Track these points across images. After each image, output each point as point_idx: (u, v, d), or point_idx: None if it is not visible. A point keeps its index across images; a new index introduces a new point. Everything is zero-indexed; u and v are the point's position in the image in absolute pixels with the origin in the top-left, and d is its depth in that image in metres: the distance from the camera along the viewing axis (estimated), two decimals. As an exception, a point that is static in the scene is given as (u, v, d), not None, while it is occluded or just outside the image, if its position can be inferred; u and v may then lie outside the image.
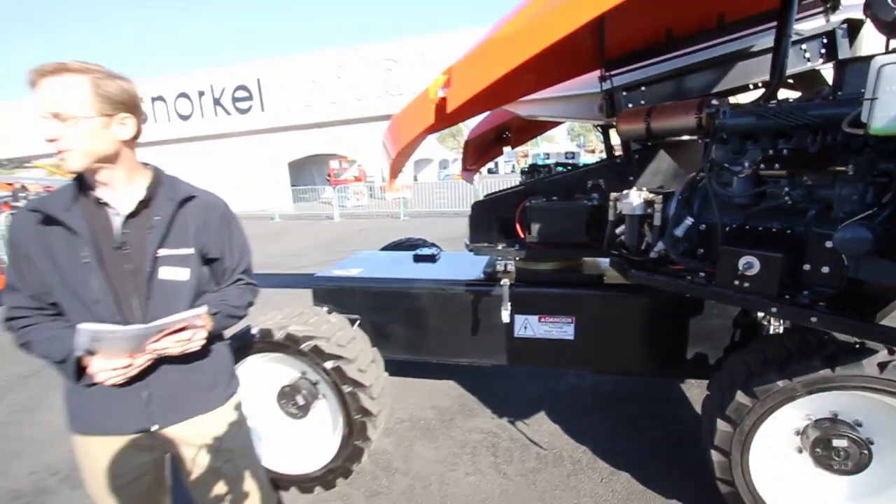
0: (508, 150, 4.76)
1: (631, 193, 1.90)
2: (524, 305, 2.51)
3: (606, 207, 2.14)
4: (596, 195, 2.34)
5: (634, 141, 2.22)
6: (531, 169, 3.33)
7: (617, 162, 2.48)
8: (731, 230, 1.66)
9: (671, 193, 1.85)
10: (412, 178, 25.71)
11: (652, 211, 1.86)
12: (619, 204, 1.98)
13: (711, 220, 1.69)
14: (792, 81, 2.14)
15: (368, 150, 26.88)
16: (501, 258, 2.56)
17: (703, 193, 1.74)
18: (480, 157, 4.69)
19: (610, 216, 2.05)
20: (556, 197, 2.44)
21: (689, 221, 1.72)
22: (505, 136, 4.33)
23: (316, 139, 23.39)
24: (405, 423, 3.13)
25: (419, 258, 3.28)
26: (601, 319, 2.49)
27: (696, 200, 1.77)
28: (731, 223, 1.66)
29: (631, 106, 2.12)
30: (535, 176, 3.08)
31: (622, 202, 1.94)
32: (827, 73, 2.05)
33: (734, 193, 1.62)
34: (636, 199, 1.88)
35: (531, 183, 2.65)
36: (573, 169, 2.97)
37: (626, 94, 2.14)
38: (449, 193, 16.99)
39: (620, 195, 1.97)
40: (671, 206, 1.81)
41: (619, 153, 2.55)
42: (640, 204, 1.88)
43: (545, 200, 2.43)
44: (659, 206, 1.84)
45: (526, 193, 2.51)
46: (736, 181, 1.60)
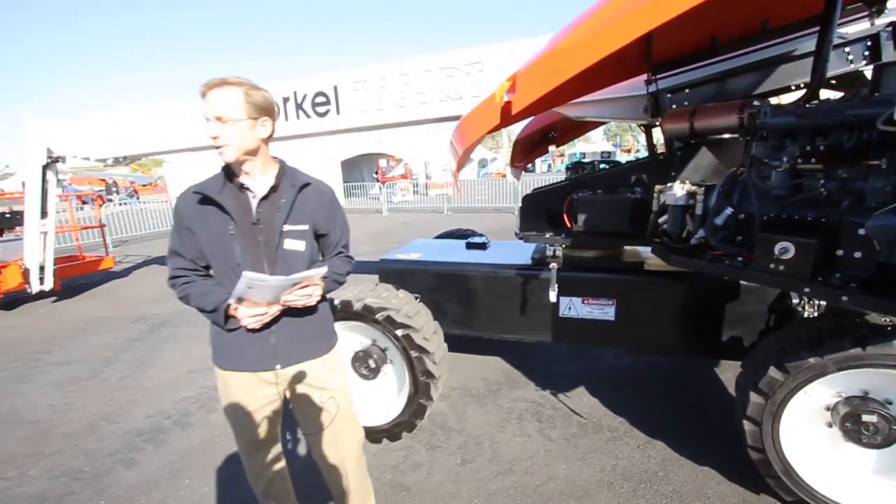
0: (552, 148, 4.83)
1: (675, 186, 1.97)
2: (569, 288, 2.63)
3: (649, 200, 2.21)
4: (639, 189, 2.42)
5: (677, 139, 2.26)
6: (576, 165, 3.42)
7: (659, 158, 2.55)
8: (768, 219, 1.72)
9: (712, 186, 1.91)
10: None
11: (694, 202, 1.94)
12: (662, 195, 2.06)
13: (750, 209, 1.76)
14: (834, 82, 2.14)
15: (416, 149, 27.25)
16: (549, 245, 2.70)
17: (742, 186, 1.80)
18: (527, 155, 4.80)
19: (654, 206, 2.13)
20: (600, 191, 2.52)
21: (728, 211, 1.80)
22: (551, 135, 4.42)
23: (366, 139, 23.92)
24: (457, 390, 3.34)
25: (471, 245, 3.44)
26: (640, 303, 2.57)
27: (735, 192, 1.83)
28: (768, 213, 1.72)
29: (675, 107, 2.17)
30: (579, 172, 3.18)
31: (666, 194, 2.01)
32: (869, 72, 2.05)
33: (772, 186, 1.69)
34: (680, 190, 1.95)
35: (578, 177, 2.74)
36: (615, 165, 3.05)
37: (670, 95, 2.19)
38: (488, 190, 17.04)
39: (664, 187, 2.05)
40: (712, 197, 1.87)
41: (661, 150, 2.61)
42: (683, 195, 1.95)
43: (591, 194, 2.52)
44: (700, 197, 1.91)
45: (573, 187, 2.60)
46: (774, 174, 1.66)
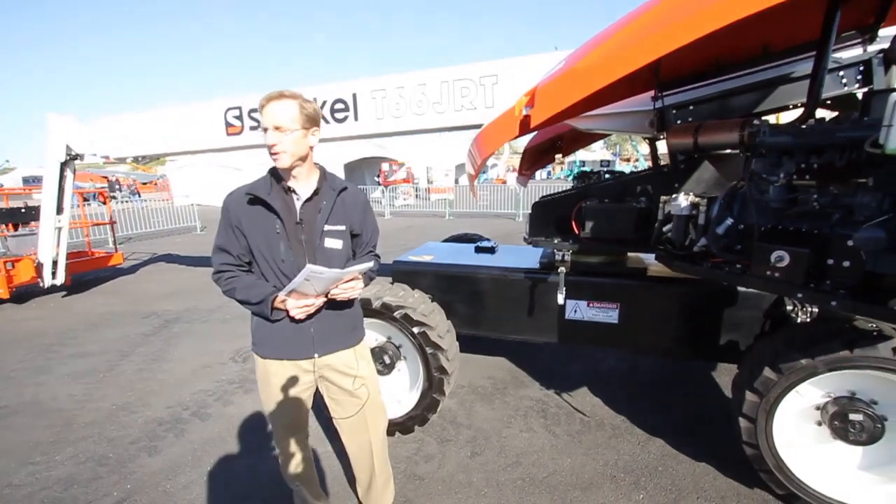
0: (559, 157, 4.98)
1: (679, 196, 2.10)
2: (575, 292, 2.73)
3: (653, 210, 2.34)
4: (644, 199, 2.55)
5: (681, 153, 2.39)
6: (582, 175, 3.55)
7: (663, 171, 2.68)
8: (765, 230, 1.85)
9: (714, 198, 2.05)
10: (454, 181, 26.00)
11: (696, 212, 2.07)
12: (667, 205, 2.19)
13: (749, 220, 1.88)
14: (829, 103, 2.28)
15: (418, 153, 27.38)
16: (557, 250, 2.82)
17: (742, 198, 1.93)
18: (535, 163, 4.95)
19: (659, 216, 2.26)
20: (607, 199, 2.64)
21: (729, 222, 1.93)
22: (558, 145, 4.57)
23: (367, 142, 24.07)
24: (465, 388, 3.45)
25: (480, 249, 3.56)
26: (643, 306, 2.68)
27: (735, 204, 1.95)
28: (765, 224, 1.85)
29: (680, 122, 2.30)
30: (585, 181, 3.31)
31: (671, 204, 2.14)
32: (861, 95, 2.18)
33: (770, 199, 1.81)
34: (684, 201, 2.08)
35: (585, 186, 2.86)
36: (622, 176, 3.18)
37: (675, 112, 2.32)
38: (489, 196, 17.20)
39: (669, 198, 2.18)
40: (714, 208, 2.00)
41: (664, 163, 2.75)
42: (686, 206, 2.08)
43: (599, 202, 2.64)
44: (703, 208, 2.04)
45: (581, 196, 2.73)
46: (772, 189, 1.79)
